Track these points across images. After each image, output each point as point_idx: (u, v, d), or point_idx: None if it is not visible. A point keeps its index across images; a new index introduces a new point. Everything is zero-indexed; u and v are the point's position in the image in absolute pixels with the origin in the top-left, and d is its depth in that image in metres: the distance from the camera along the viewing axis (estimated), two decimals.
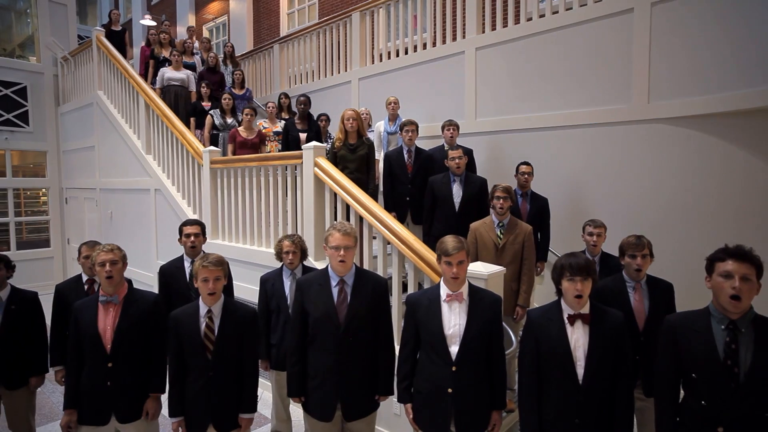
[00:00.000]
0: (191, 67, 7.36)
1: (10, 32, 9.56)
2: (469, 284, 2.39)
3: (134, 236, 6.63)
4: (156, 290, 3.32)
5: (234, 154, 5.32)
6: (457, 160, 3.86)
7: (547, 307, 2.31)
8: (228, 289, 3.38)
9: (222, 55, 7.84)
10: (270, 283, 3.37)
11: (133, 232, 6.69)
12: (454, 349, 2.27)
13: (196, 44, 8.16)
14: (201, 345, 2.41)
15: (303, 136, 4.92)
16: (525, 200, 4.27)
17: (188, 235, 3.28)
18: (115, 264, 2.59)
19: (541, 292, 4.72)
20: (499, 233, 3.43)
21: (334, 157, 4.15)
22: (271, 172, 4.36)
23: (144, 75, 7.06)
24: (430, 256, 3.14)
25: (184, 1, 13.73)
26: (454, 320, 2.31)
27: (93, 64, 7.49)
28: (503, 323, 3.16)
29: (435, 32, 5.73)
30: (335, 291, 2.53)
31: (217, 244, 5.02)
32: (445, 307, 2.34)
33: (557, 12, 4.59)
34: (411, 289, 3.39)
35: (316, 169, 3.89)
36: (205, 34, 13.37)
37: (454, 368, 2.26)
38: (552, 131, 4.68)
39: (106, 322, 2.56)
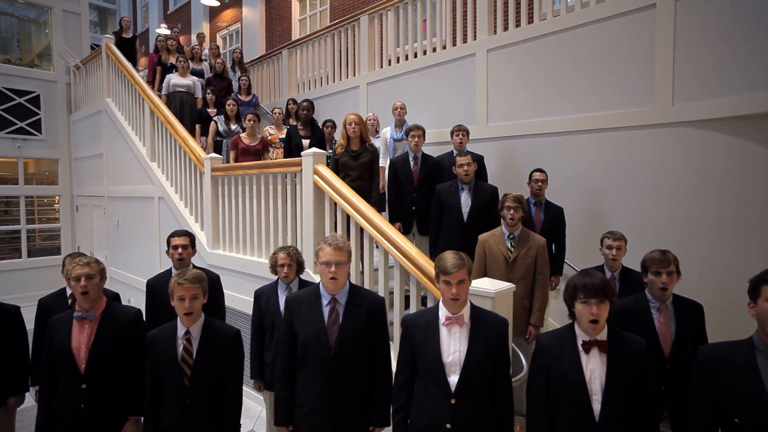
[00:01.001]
0: (199, 73, 7.29)
1: (27, 43, 9.66)
2: (472, 306, 2.15)
3: (139, 245, 6.53)
4: None
5: (236, 161, 5.17)
6: (465, 167, 3.62)
7: (559, 332, 2.05)
8: (217, 307, 3.21)
9: (230, 62, 7.76)
10: (264, 298, 3.18)
11: (139, 240, 6.59)
12: (453, 379, 2.02)
13: (206, 51, 8.11)
14: (178, 369, 2.21)
15: (306, 142, 4.74)
16: (539, 209, 4.00)
17: (176, 247, 3.10)
18: (92, 278, 2.42)
19: (557, 308, 4.42)
20: (509, 246, 3.18)
21: (336, 165, 3.96)
22: (271, 180, 4.18)
23: (152, 82, 7.00)
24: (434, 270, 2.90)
25: (198, 9, 13.80)
26: (453, 346, 2.07)
27: (102, 72, 7.46)
28: (513, 345, 2.93)
29: (444, 34, 5.51)
30: (326, 310, 2.32)
31: (218, 254, 4.86)
32: (443, 331, 2.10)
33: (573, 10, 4.33)
34: (413, 306, 3.15)
35: (315, 177, 3.69)
36: (219, 41, 13.41)
37: (453, 400, 2.01)
38: (568, 136, 4.40)
39: (81, 340, 2.39)
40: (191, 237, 3.21)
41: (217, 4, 12.74)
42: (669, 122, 3.80)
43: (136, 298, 6.72)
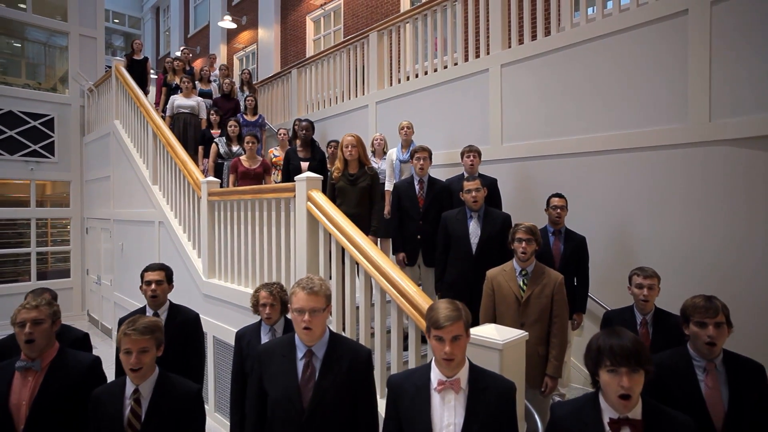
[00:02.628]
0: (208, 94, 7.16)
1: (50, 68, 9.76)
2: (470, 366, 1.76)
3: (140, 270, 6.29)
4: None
5: (235, 185, 4.91)
6: (473, 193, 3.25)
7: (580, 403, 1.65)
8: (194, 351, 2.89)
9: (239, 82, 7.62)
10: (245, 341, 2.84)
11: (140, 265, 6.34)
12: None
13: (216, 71, 8.00)
14: None
15: (305, 165, 4.44)
16: (558, 239, 3.58)
17: (149, 283, 2.80)
18: (39, 324, 2.12)
19: (579, 346, 3.96)
20: (521, 283, 2.77)
21: (333, 190, 3.63)
22: (266, 206, 3.89)
23: (159, 103, 6.88)
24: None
25: (216, 32, 13.94)
26: (447, 418, 1.68)
27: (111, 94, 7.40)
28: (525, 402, 2.50)
29: (456, 49, 5.21)
30: (300, 365, 1.97)
31: (213, 284, 4.56)
32: (435, 398, 1.71)
33: (594, 20, 3.97)
34: (411, 348, 2.76)
35: (309, 203, 3.37)
36: (236, 63, 13.46)
37: None
38: (591, 157, 3.99)
39: (22, 396, 2.08)
40: (167, 271, 2.90)
41: (234, 26, 12.84)
42: (706, 141, 3.37)
43: None
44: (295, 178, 3.46)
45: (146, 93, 7.61)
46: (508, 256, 3.00)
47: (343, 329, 3.19)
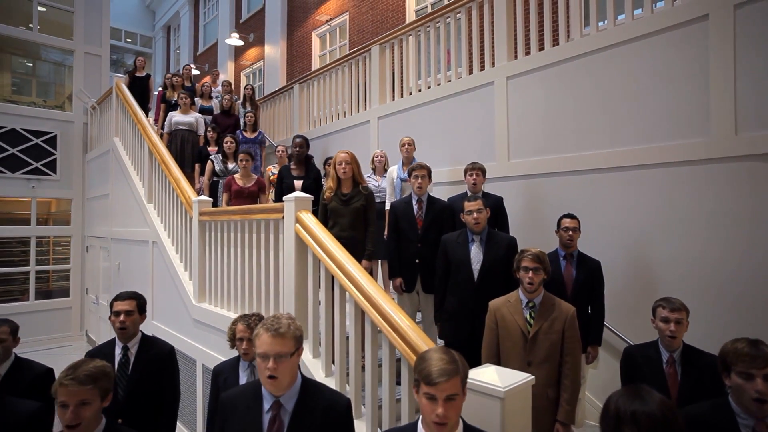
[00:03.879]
0: (208, 111, 7.02)
1: (57, 86, 9.80)
2: (465, 427, 1.48)
3: (137, 289, 6.08)
4: None
5: (228, 204, 4.69)
6: (475, 214, 2.97)
7: None
8: (170, 387, 2.64)
9: (242, 98, 7.49)
10: (222, 378, 2.58)
11: (136, 286, 6.14)
12: None
13: (219, 87, 7.89)
14: None
15: (298, 183, 4.21)
16: (570, 264, 3.27)
17: (117, 313, 2.55)
18: None
19: (595, 380, 3.63)
20: (528, 317, 2.47)
21: (325, 211, 3.38)
22: (255, 227, 3.65)
23: (158, 119, 6.75)
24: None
25: (224, 50, 13.97)
26: None
27: (111, 111, 7.30)
28: None
29: (460, 62, 4.98)
30: (266, 419, 1.70)
31: (203, 308, 4.32)
32: None
33: (605, 29, 3.71)
34: (404, 390, 2.46)
35: (297, 225, 3.12)
36: (243, 80, 13.44)
37: None
38: (605, 174, 3.70)
39: None
40: (139, 300, 2.66)
41: (241, 43, 12.83)
42: (731, 156, 3.07)
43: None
44: (284, 198, 3.22)
45: (148, 110, 7.52)
46: (513, 284, 2.71)
47: (333, 362, 2.92)
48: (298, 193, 3.19)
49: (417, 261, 3.41)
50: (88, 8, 9.02)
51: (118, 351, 2.57)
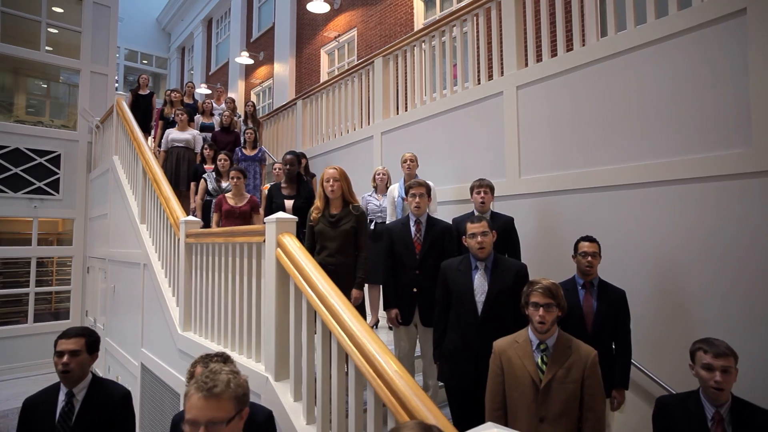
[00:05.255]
0: (210, 128, 6.81)
1: (69, 106, 9.78)
2: None
3: (130, 316, 5.82)
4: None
5: (218, 225, 4.39)
6: (479, 238, 2.59)
7: None
8: None
9: (244, 115, 7.27)
10: (179, 430, 2.21)
11: (127, 311, 5.90)
12: None
13: (223, 105, 7.70)
14: None
15: (289, 204, 3.88)
16: (589, 293, 2.85)
17: (60, 354, 2.21)
18: None
19: (623, 429, 3.16)
20: (540, 362, 2.07)
21: (312, 234, 3.04)
22: (238, 251, 3.32)
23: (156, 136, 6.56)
24: (423, 410, 1.85)
25: (235, 69, 13.96)
26: None
27: (112, 129, 7.15)
28: None
29: (467, 72, 4.66)
30: None
31: (188, 338, 3.98)
32: None
33: (625, 29, 3.35)
34: None
35: (278, 250, 2.78)
36: (253, 98, 13.37)
37: None
38: (628, 191, 3.30)
39: None
40: (89, 338, 2.30)
41: (251, 62, 12.79)
42: None
43: (124, 376, 5.95)
44: (265, 219, 2.89)
45: (151, 128, 7.35)
46: (523, 320, 2.31)
47: (315, 403, 2.53)
48: (281, 214, 2.85)
49: (415, 290, 3.03)
50: (96, 27, 9.00)
51: (61, 398, 2.21)
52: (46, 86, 10.26)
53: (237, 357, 3.25)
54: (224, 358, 2.20)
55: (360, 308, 3.06)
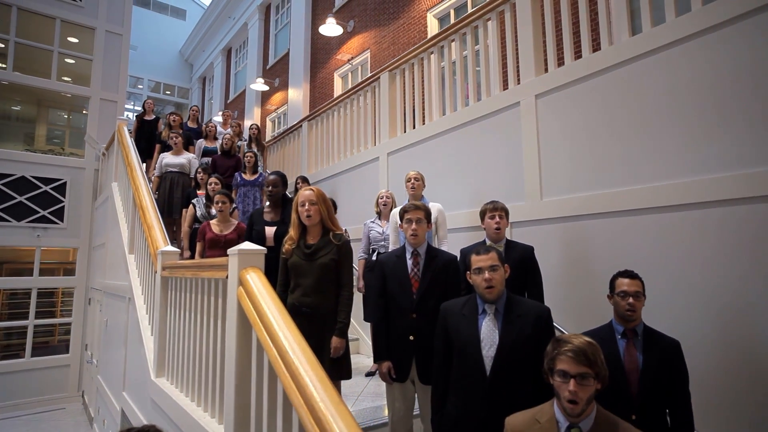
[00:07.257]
0: (213, 152, 6.48)
1: (83, 135, 9.74)
2: None
3: (115, 354, 5.37)
4: None
5: (202, 255, 3.94)
6: (487, 274, 2.02)
7: None
8: None
9: (248, 139, 6.94)
10: None
11: (115, 348, 5.45)
12: None
13: (229, 130, 7.39)
14: None
15: (270, 231, 3.38)
16: (632, 344, 2.22)
17: None
18: None
19: None
20: None
21: (285, 268, 2.52)
22: (205, 287, 2.83)
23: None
24: None
25: (251, 96, 13.89)
26: None
27: (113, 155, 6.90)
28: None
29: (480, 82, 4.17)
30: None
31: (160, 386, 3.45)
32: None
33: (661, 22, 2.80)
34: None
35: (241, 289, 2.27)
36: (269, 124, 13.21)
37: None
38: (674, 214, 2.69)
39: None
40: None
41: (266, 88, 12.66)
42: None
43: (108, 422, 5.47)
44: (228, 251, 2.40)
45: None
46: (546, 385, 1.71)
47: None
48: (246, 244, 2.35)
49: (411, 338, 2.45)
50: (107, 55, 8.94)
51: None
52: (67, 116, 10.28)
53: (201, 414, 2.72)
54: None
55: (343, 360, 2.50)
